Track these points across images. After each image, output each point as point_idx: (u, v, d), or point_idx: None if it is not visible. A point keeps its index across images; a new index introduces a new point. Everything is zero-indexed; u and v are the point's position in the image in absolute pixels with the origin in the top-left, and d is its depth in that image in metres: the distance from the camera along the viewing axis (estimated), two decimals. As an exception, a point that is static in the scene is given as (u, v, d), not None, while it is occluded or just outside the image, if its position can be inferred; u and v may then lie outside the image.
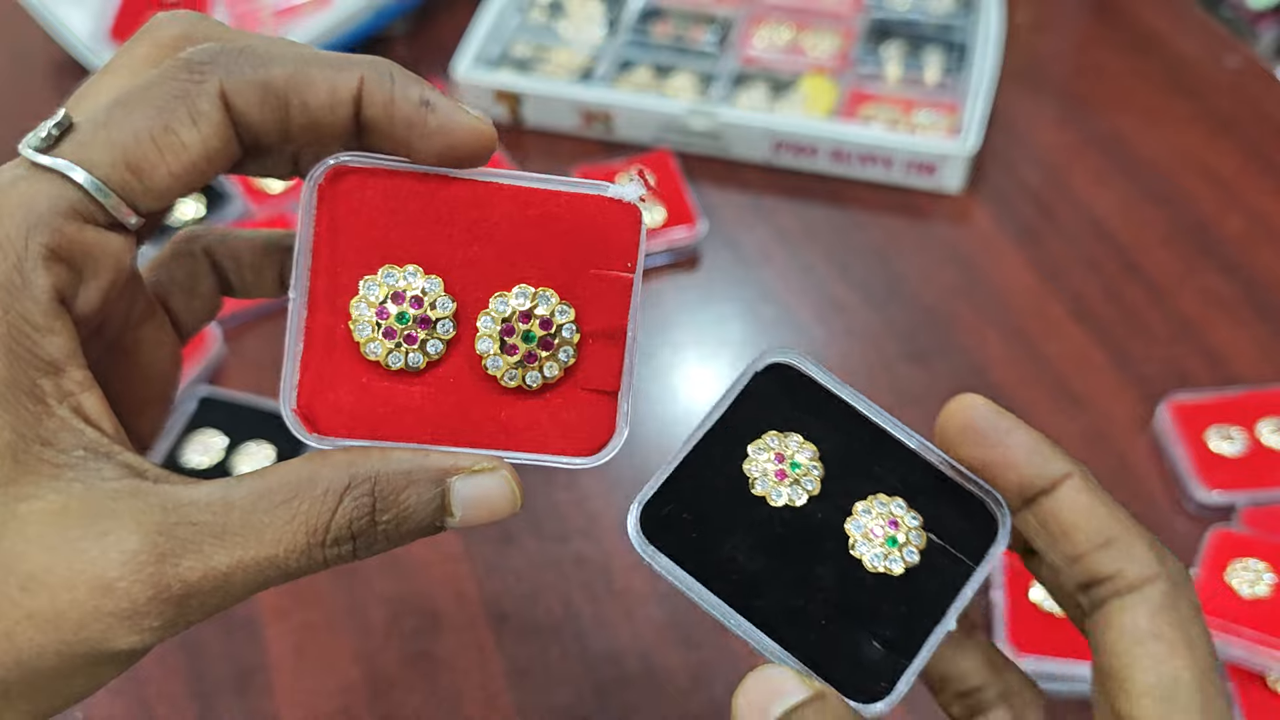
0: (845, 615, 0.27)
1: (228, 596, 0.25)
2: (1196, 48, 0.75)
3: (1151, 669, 0.25)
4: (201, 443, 0.55)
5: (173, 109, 0.26)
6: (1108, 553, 0.26)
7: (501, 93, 0.71)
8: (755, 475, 0.27)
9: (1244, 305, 0.61)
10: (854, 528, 0.27)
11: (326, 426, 0.27)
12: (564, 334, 0.27)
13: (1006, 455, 0.27)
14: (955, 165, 0.66)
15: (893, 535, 0.27)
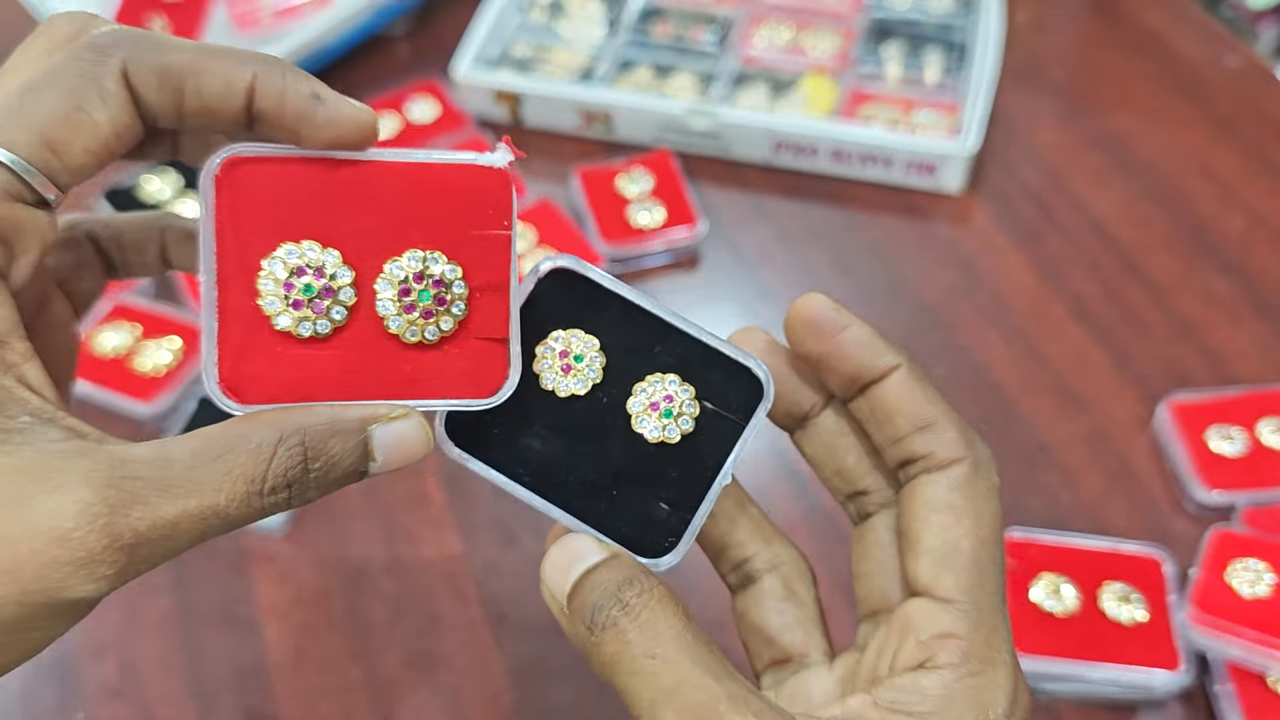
0: (631, 484, 0.30)
1: (174, 545, 0.27)
2: (1196, 48, 0.75)
3: (937, 534, 0.29)
4: None
5: (83, 89, 0.28)
6: (924, 435, 0.30)
7: (501, 93, 0.71)
8: (542, 371, 0.30)
9: (1244, 305, 0.61)
10: (634, 405, 0.30)
11: (250, 395, 0.29)
12: (454, 290, 0.30)
13: (842, 347, 0.31)
14: (955, 165, 0.66)
15: (669, 408, 0.30)
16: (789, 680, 0.32)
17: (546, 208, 0.65)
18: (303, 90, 0.30)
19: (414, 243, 0.30)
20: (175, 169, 0.68)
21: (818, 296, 0.31)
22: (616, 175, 0.67)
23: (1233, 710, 0.45)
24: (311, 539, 0.53)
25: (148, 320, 0.60)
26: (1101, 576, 0.48)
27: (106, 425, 0.58)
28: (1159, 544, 0.50)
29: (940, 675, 0.28)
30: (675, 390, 0.30)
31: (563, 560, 0.29)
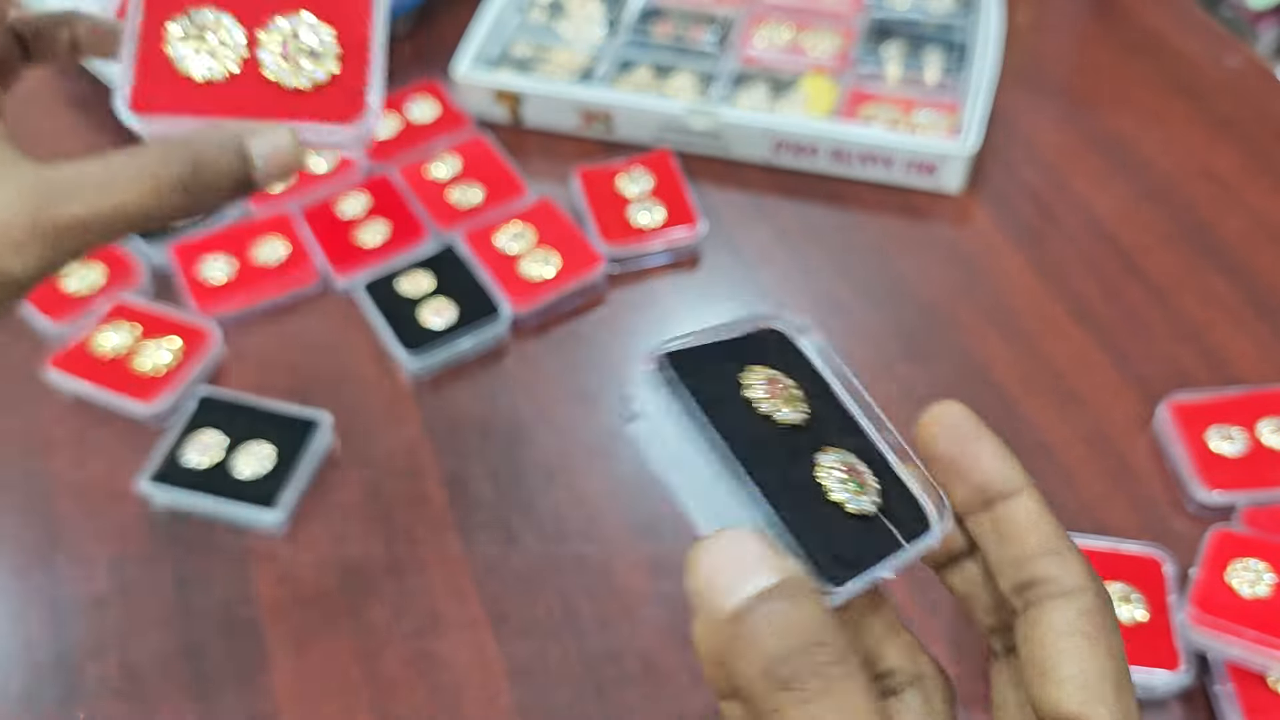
0: (807, 517, 0.28)
1: (89, 238, 0.35)
2: (1196, 48, 0.75)
3: (1075, 661, 0.28)
4: (201, 442, 0.55)
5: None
6: (1049, 560, 0.29)
7: (501, 93, 0.71)
8: (748, 384, 0.29)
9: (1244, 305, 0.61)
10: (823, 458, 0.29)
11: (151, 111, 0.37)
12: (326, 45, 0.36)
13: (977, 458, 0.30)
14: (955, 165, 0.66)
15: (856, 480, 0.29)
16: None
17: (546, 207, 0.65)
18: None
19: (294, 6, 0.37)
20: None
21: (956, 404, 0.30)
22: (616, 175, 0.67)
23: (1233, 710, 0.45)
24: (311, 539, 0.53)
25: (147, 320, 0.60)
26: (1102, 577, 0.48)
27: (107, 425, 0.58)
28: (1159, 544, 0.50)
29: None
30: (864, 473, 0.29)
31: (734, 560, 0.25)
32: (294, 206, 0.66)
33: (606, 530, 0.53)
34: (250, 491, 0.53)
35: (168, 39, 0.37)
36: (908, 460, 0.30)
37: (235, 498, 0.53)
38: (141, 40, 0.37)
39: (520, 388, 0.59)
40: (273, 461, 0.54)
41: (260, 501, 0.53)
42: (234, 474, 0.54)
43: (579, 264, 0.62)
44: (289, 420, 0.56)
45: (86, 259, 0.63)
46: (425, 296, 0.61)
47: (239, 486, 0.53)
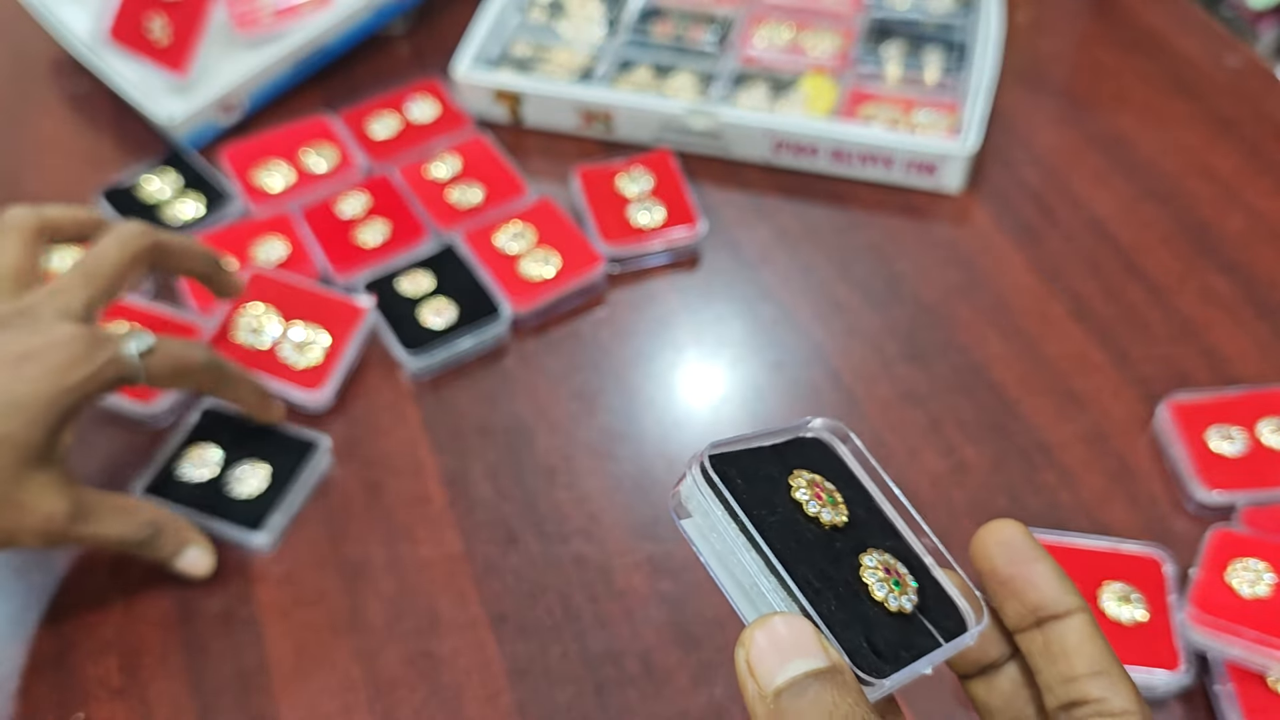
0: (848, 612, 0.28)
1: (86, 542, 0.48)
2: (1196, 48, 0.75)
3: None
4: (199, 456, 0.55)
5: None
6: (1098, 681, 0.30)
7: (501, 93, 0.71)
8: (795, 486, 0.30)
9: (1244, 305, 0.61)
10: (865, 559, 0.30)
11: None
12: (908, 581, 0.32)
13: (1033, 579, 0.31)
14: (955, 165, 0.66)
15: (896, 579, 0.30)
16: None
17: (546, 207, 0.65)
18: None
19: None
20: (175, 169, 0.68)
21: (1013, 522, 0.32)
22: (616, 175, 0.67)
23: (1233, 710, 0.45)
24: (311, 539, 0.53)
25: (147, 321, 0.60)
26: (1102, 576, 0.48)
27: (107, 425, 0.58)
28: (1159, 544, 0.50)
29: None
30: (905, 574, 0.30)
31: (783, 643, 0.27)
32: (294, 206, 0.66)
33: (606, 530, 0.53)
34: (241, 512, 0.53)
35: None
36: (944, 565, 0.31)
37: (225, 517, 0.53)
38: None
39: (520, 388, 0.59)
40: (267, 482, 0.54)
41: (249, 524, 0.52)
42: (227, 492, 0.54)
43: (579, 264, 0.62)
44: (288, 441, 0.55)
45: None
46: (425, 296, 0.61)
47: (230, 505, 0.53)
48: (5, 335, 0.46)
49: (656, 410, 0.58)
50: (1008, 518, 0.32)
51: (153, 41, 0.70)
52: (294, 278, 0.61)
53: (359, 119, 0.71)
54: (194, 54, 0.70)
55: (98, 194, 0.67)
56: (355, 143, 0.70)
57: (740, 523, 0.28)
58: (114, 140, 0.72)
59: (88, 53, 0.72)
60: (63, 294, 0.48)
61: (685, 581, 0.51)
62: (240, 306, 0.59)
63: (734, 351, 0.60)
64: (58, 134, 0.73)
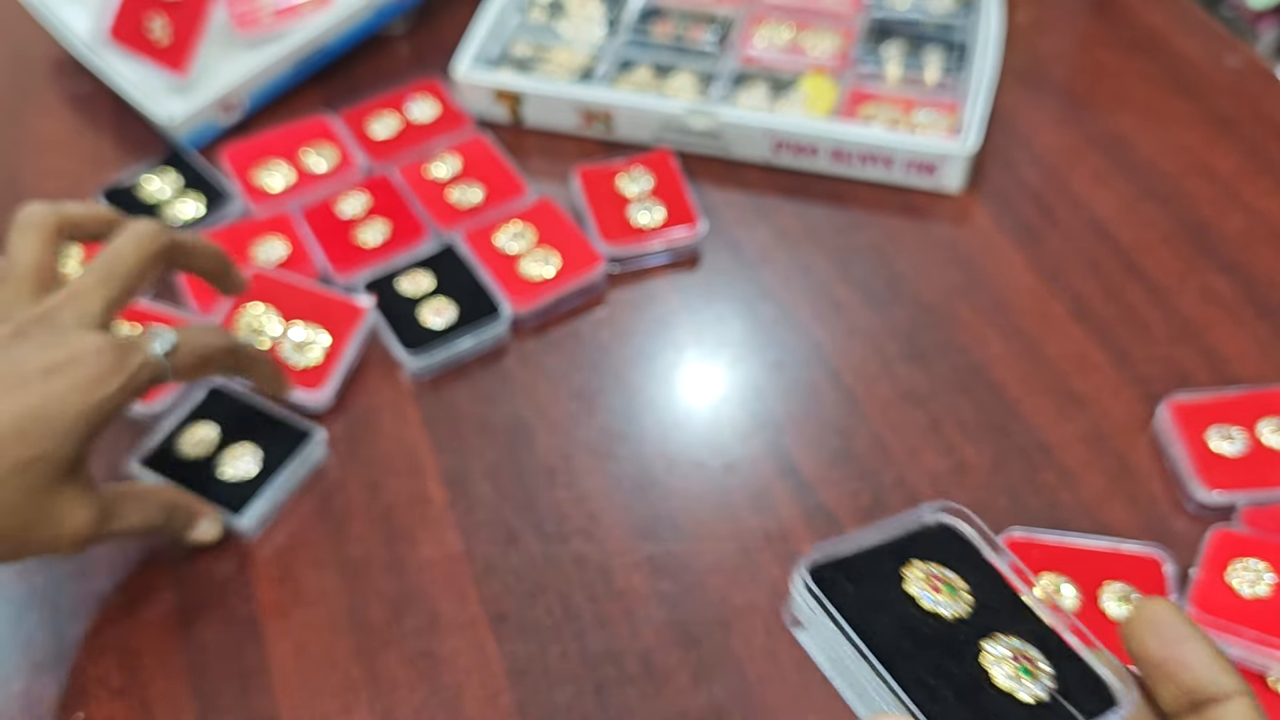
0: (969, 708, 0.28)
1: (107, 538, 0.48)
2: (1196, 48, 0.75)
3: None
4: (197, 434, 0.55)
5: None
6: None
7: (501, 92, 0.71)
8: (909, 578, 0.30)
9: (1244, 305, 0.61)
10: (990, 647, 0.29)
11: None
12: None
13: (1187, 660, 0.29)
14: (955, 165, 0.66)
15: (1025, 666, 0.29)
16: None
17: (546, 207, 0.65)
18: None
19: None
20: (175, 169, 0.68)
21: (1166, 602, 0.30)
22: (616, 175, 0.67)
23: (1233, 710, 0.45)
24: (311, 539, 0.53)
25: (147, 320, 0.60)
26: (1102, 576, 0.48)
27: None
28: (1159, 544, 0.50)
29: None
30: (1036, 659, 0.29)
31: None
32: (294, 206, 0.66)
33: (606, 530, 0.53)
34: (226, 493, 0.53)
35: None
36: (1088, 643, 0.30)
37: (211, 497, 0.53)
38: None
39: (520, 388, 0.59)
40: (258, 467, 0.54)
41: (232, 506, 0.52)
42: (217, 473, 0.54)
43: (579, 264, 0.62)
44: (284, 428, 0.55)
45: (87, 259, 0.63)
46: (425, 296, 0.61)
47: (218, 487, 0.53)
48: (26, 347, 0.44)
49: (656, 410, 0.58)
50: (1159, 597, 0.30)
51: (153, 41, 0.70)
52: (294, 278, 0.61)
53: (359, 119, 0.71)
54: (194, 54, 0.70)
55: (98, 194, 0.67)
56: (355, 143, 0.70)
57: (846, 633, 0.28)
58: (114, 140, 0.72)
59: (88, 53, 0.72)
60: (81, 298, 0.46)
61: (685, 582, 0.51)
62: (240, 306, 0.59)
63: (734, 351, 0.60)
64: (58, 134, 0.73)
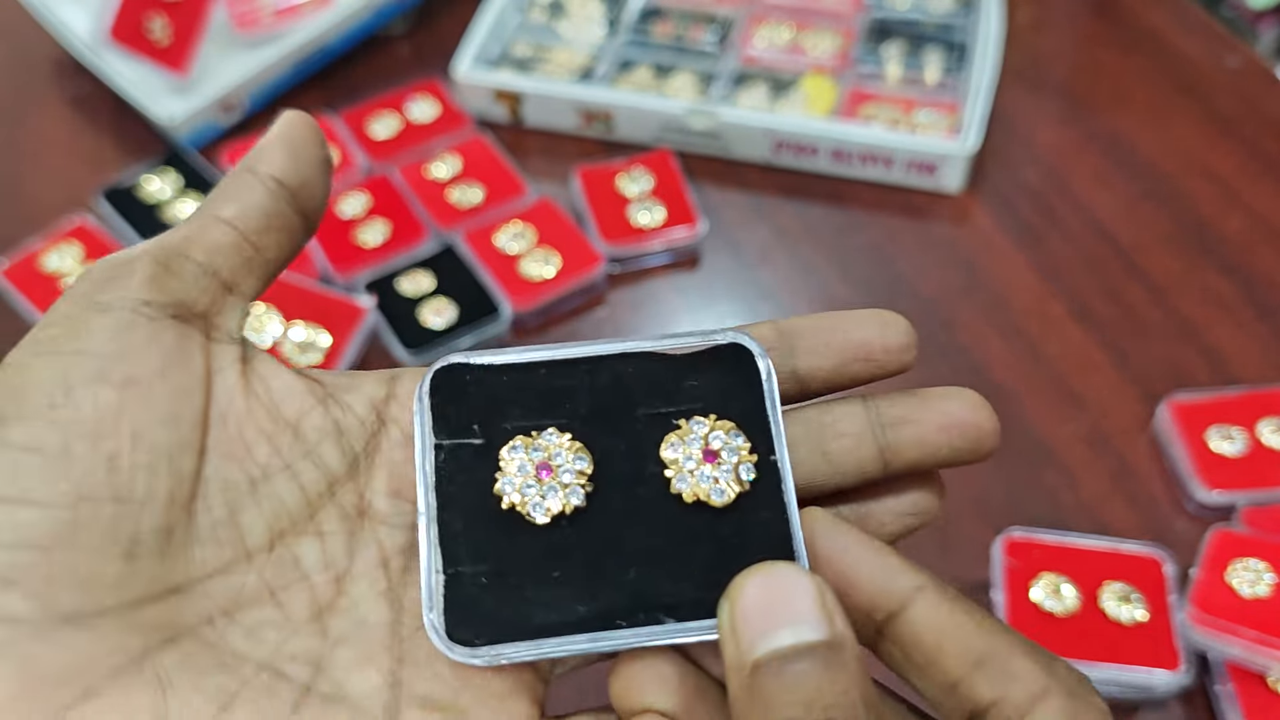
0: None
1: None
2: (1197, 48, 0.75)
3: None
4: None
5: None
6: (984, 673, 0.22)
7: (501, 92, 0.71)
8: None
9: (1244, 305, 0.61)
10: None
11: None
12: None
13: (845, 571, 0.24)
14: (955, 165, 0.66)
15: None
16: None
17: (546, 207, 0.65)
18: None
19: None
20: (175, 169, 0.68)
21: (817, 511, 0.25)
22: (616, 175, 0.67)
23: (1233, 710, 0.45)
24: (311, 539, 0.53)
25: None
26: (1102, 576, 0.48)
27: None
28: (1159, 544, 0.50)
29: None
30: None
31: (770, 607, 0.21)
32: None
33: (606, 530, 0.53)
34: None
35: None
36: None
37: None
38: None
39: (520, 388, 0.59)
40: None
41: None
42: None
43: (579, 264, 0.62)
44: None
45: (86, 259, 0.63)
46: (425, 296, 0.61)
47: None
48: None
49: (656, 410, 0.58)
50: (810, 508, 0.25)
51: (153, 41, 0.70)
52: (294, 277, 0.61)
53: (359, 119, 0.71)
54: (194, 54, 0.70)
55: (98, 194, 0.67)
56: (355, 143, 0.70)
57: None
58: (114, 140, 0.72)
59: (88, 53, 0.72)
60: None
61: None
62: None
63: (734, 351, 0.60)
64: (58, 134, 0.73)
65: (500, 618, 0.24)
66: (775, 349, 0.27)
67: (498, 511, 0.24)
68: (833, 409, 0.28)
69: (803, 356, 0.27)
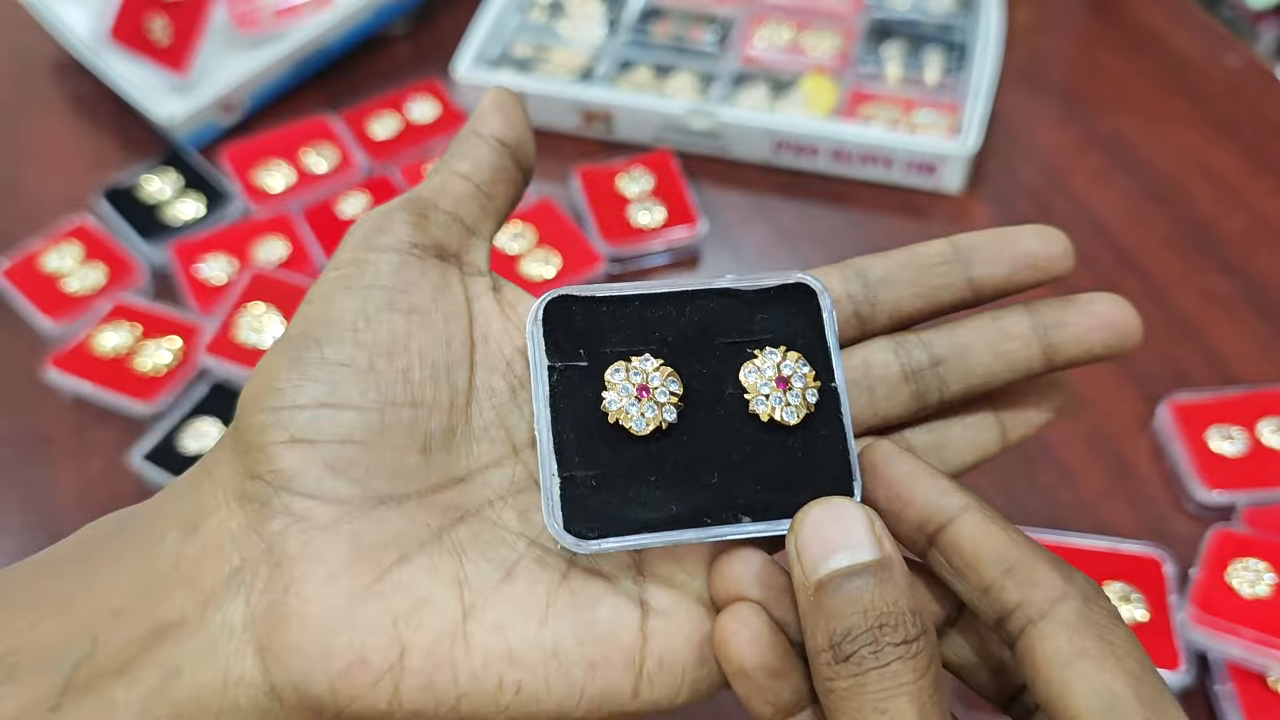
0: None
1: None
2: (1196, 48, 0.75)
3: (1086, 690, 0.24)
4: (199, 429, 0.55)
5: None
6: (1012, 579, 0.26)
7: (501, 93, 0.71)
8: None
9: (1244, 305, 0.61)
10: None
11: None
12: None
13: (903, 492, 0.28)
14: (955, 165, 0.66)
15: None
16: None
17: (546, 207, 0.65)
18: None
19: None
20: (175, 169, 0.68)
21: (881, 443, 0.29)
22: (616, 175, 0.67)
23: (1233, 710, 0.45)
24: (311, 539, 0.53)
25: (148, 320, 0.60)
26: (1102, 576, 0.48)
27: (107, 425, 0.58)
28: (1159, 544, 0.50)
29: None
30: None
31: (828, 535, 0.26)
32: (294, 206, 0.66)
33: (606, 530, 0.53)
34: None
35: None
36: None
37: None
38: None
39: (520, 388, 0.59)
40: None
41: None
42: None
43: (579, 264, 0.62)
44: None
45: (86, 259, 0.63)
46: (425, 296, 0.61)
47: None
48: None
49: (656, 410, 0.58)
50: (876, 440, 0.29)
51: (153, 41, 0.70)
52: (295, 277, 0.61)
53: (359, 119, 0.71)
54: (194, 54, 0.70)
55: (98, 194, 0.67)
56: (355, 143, 0.70)
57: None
58: (114, 140, 0.72)
59: (88, 53, 0.72)
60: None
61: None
62: (241, 306, 0.59)
63: (734, 351, 0.60)
64: (58, 134, 0.73)
65: (606, 514, 0.28)
66: (952, 262, 0.31)
67: (604, 425, 0.28)
68: (1003, 315, 0.31)
69: (978, 266, 0.31)
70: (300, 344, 0.28)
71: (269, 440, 0.26)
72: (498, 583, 0.27)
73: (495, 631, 0.27)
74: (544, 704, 0.27)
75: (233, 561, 0.26)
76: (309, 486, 0.26)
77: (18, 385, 0.59)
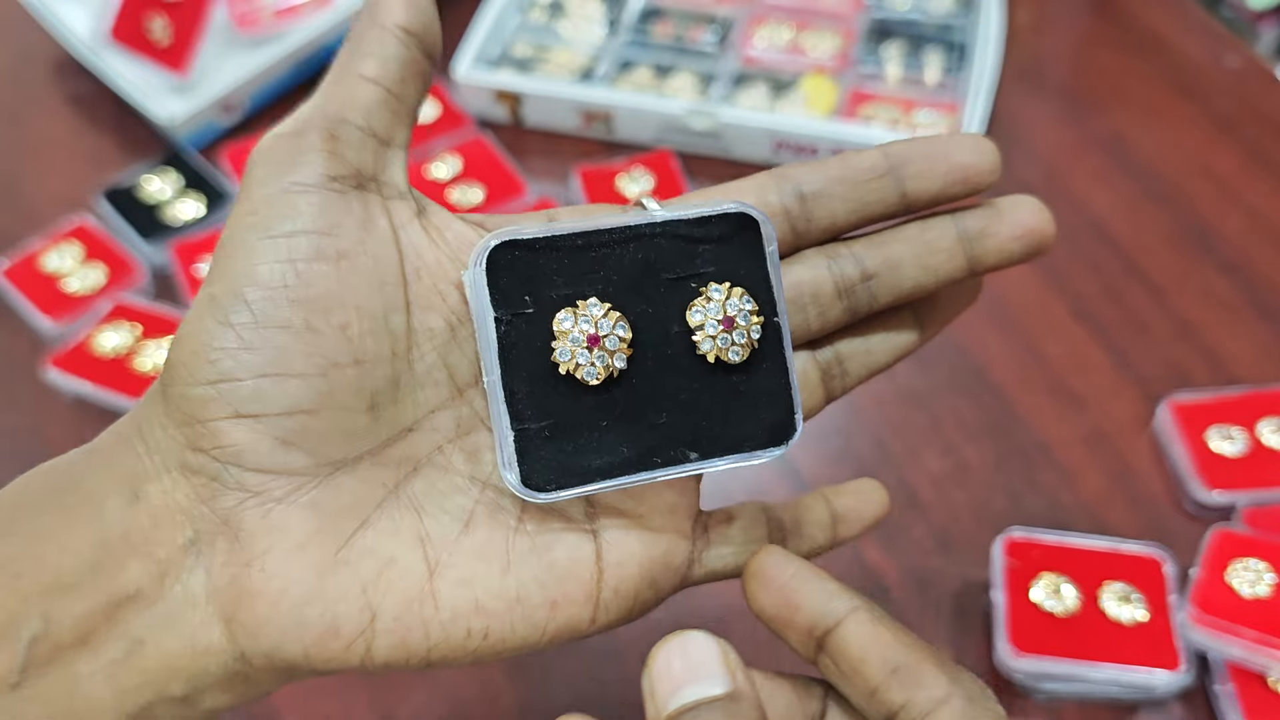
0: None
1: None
2: (1197, 48, 0.75)
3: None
4: None
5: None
6: (898, 680, 0.26)
7: (501, 93, 0.71)
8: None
9: (1244, 305, 0.61)
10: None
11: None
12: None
13: (791, 597, 0.28)
14: (955, 165, 0.66)
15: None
16: None
17: (547, 208, 0.65)
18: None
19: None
20: (175, 169, 0.68)
21: (771, 549, 0.29)
22: (616, 175, 0.67)
23: (1233, 710, 0.45)
24: (312, 539, 0.53)
25: (147, 320, 0.60)
26: (1102, 576, 0.48)
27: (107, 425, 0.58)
28: (1159, 544, 0.50)
29: None
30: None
31: (678, 668, 0.26)
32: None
33: (606, 530, 0.53)
34: None
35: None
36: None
37: None
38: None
39: (520, 388, 0.59)
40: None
41: None
42: None
43: (579, 264, 0.62)
44: None
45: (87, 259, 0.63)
46: (425, 296, 0.61)
47: None
48: None
49: (656, 410, 0.58)
50: (766, 546, 0.29)
51: (153, 41, 0.70)
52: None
53: (359, 119, 0.71)
54: (194, 54, 0.70)
55: (98, 194, 0.67)
56: (355, 143, 0.70)
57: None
58: (114, 140, 0.72)
59: (88, 53, 0.72)
60: None
61: (685, 581, 0.51)
62: None
63: (734, 351, 0.60)
64: (58, 134, 0.73)
65: (560, 464, 0.28)
66: (886, 176, 0.32)
67: (554, 375, 0.28)
68: (931, 226, 0.33)
69: (911, 181, 0.32)
70: (229, 305, 0.26)
71: (211, 415, 0.25)
72: (458, 535, 0.27)
73: (461, 586, 0.27)
74: (509, 643, 0.27)
75: (186, 533, 0.26)
76: (261, 461, 0.26)
77: (18, 385, 0.59)
